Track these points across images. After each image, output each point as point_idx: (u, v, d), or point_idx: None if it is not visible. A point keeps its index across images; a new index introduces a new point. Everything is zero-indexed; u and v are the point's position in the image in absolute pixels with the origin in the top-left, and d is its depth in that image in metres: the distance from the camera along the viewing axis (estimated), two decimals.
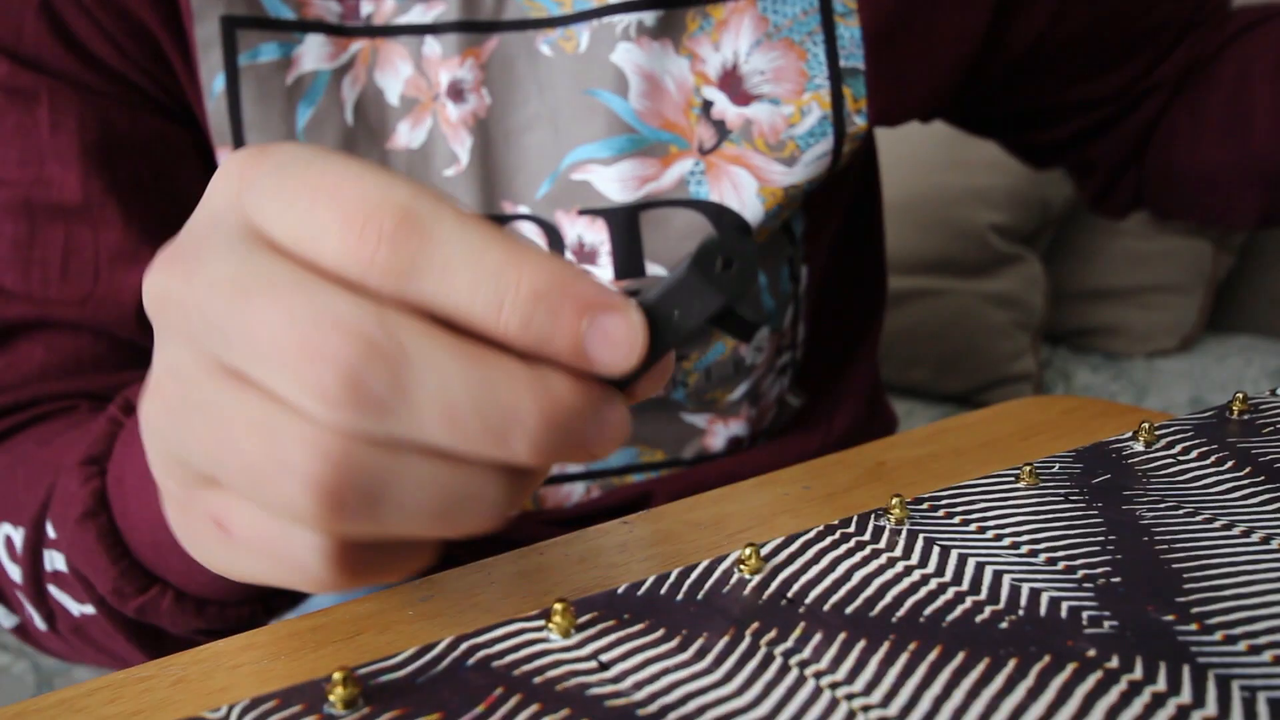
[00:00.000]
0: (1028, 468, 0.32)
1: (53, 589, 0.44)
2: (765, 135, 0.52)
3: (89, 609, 0.42)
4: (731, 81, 0.52)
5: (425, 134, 0.51)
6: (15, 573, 0.44)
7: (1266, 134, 0.58)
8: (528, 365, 0.22)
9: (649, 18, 0.50)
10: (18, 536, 0.44)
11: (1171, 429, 0.36)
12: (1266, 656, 0.24)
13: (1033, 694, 0.23)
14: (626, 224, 0.52)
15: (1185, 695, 0.23)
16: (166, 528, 0.36)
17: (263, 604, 0.43)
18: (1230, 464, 0.33)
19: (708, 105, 0.52)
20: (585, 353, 0.22)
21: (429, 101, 0.51)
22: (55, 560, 0.43)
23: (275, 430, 0.22)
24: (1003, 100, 0.62)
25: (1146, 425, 0.35)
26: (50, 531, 0.42)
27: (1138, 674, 0.23)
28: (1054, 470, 0.33)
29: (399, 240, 0.22)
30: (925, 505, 0.31)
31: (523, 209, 0.52)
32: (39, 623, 0.45)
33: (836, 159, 0.54)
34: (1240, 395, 0.37)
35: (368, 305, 0.22)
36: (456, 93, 0.51)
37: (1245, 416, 0.37)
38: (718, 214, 0.52)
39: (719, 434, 0.59)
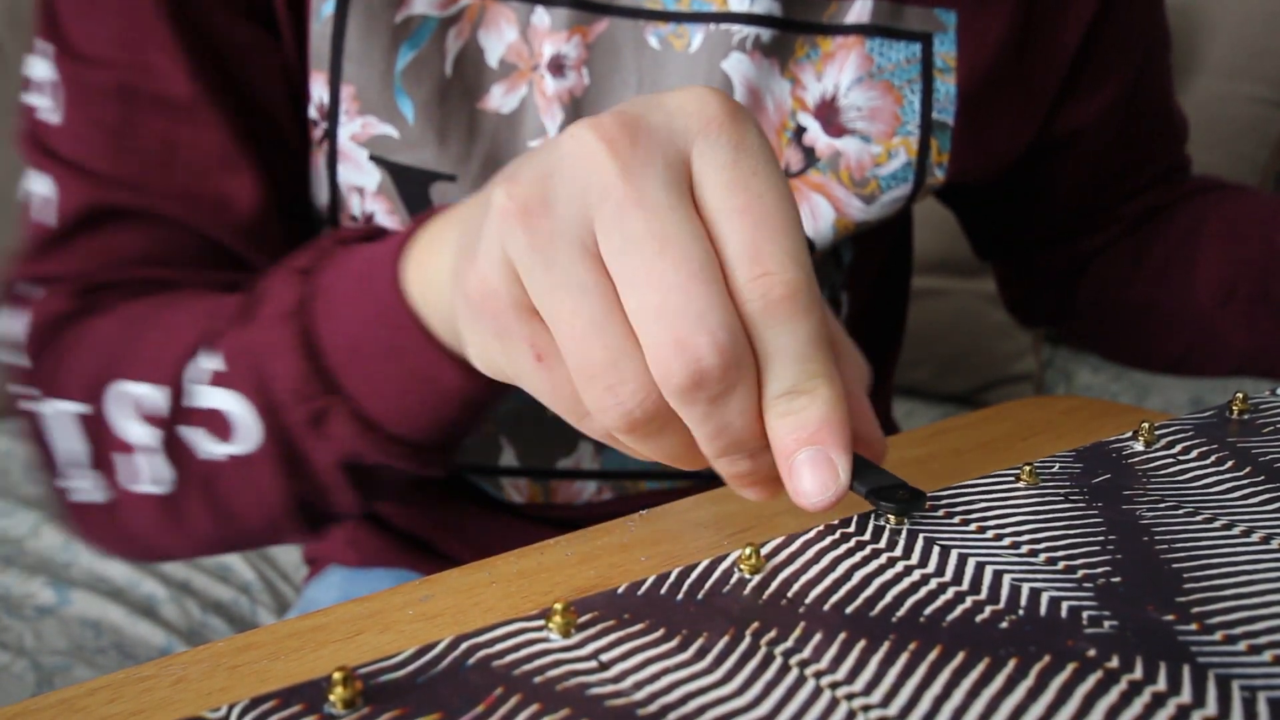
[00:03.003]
0: (1028, 468, 0.32)
1: (190, 431, 0.44)
2: (851, 169, 0.53)
3: (233, 448, 0.43)
4: (827, 112, 0.52)
5: (518, 101, 0.51)
6: (137, 432, 0.44)
7: (1205, 285, 0.62)
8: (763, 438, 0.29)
9: (765, 34, 0.51)
10: (152, 393, 0.44)
11: (1171, 429, 0.36)
12: (1267, 656, 0.24)
13: (1033, 694, 0.23)
14: None
15: (1185, 695, 0.22)
16: (371, 339, 0.40)
17: (415, 455, 0.43)
18: (1230, 464, 0.33)
19: (800, 131, 0.52)
20: (795, 485, 0.29)
21: (527, 70, 0.51)
22: (206, 396, 0.43)
23: (623, 365, 0.27)
24: (1005, 181, 0.64)
25: (1146, 425, 0.35)
26: (208, 364, 0.43)
27: (1138, 674, 0.23)
28: (1054, 470, 0.33)
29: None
30: (925, 501, 0.31)
31: None
32: (146, 484, 0.45)
33: (907, 205, 0.55)
34: (1240, 395, 0.37)
35: (741, 334, 0.27)
36: (557, 67, 0.51)
37: (1245, 416, 0.37)
38: None
39: None
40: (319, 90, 0.50)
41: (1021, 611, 0.26)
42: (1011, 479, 0.32)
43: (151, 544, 0.49)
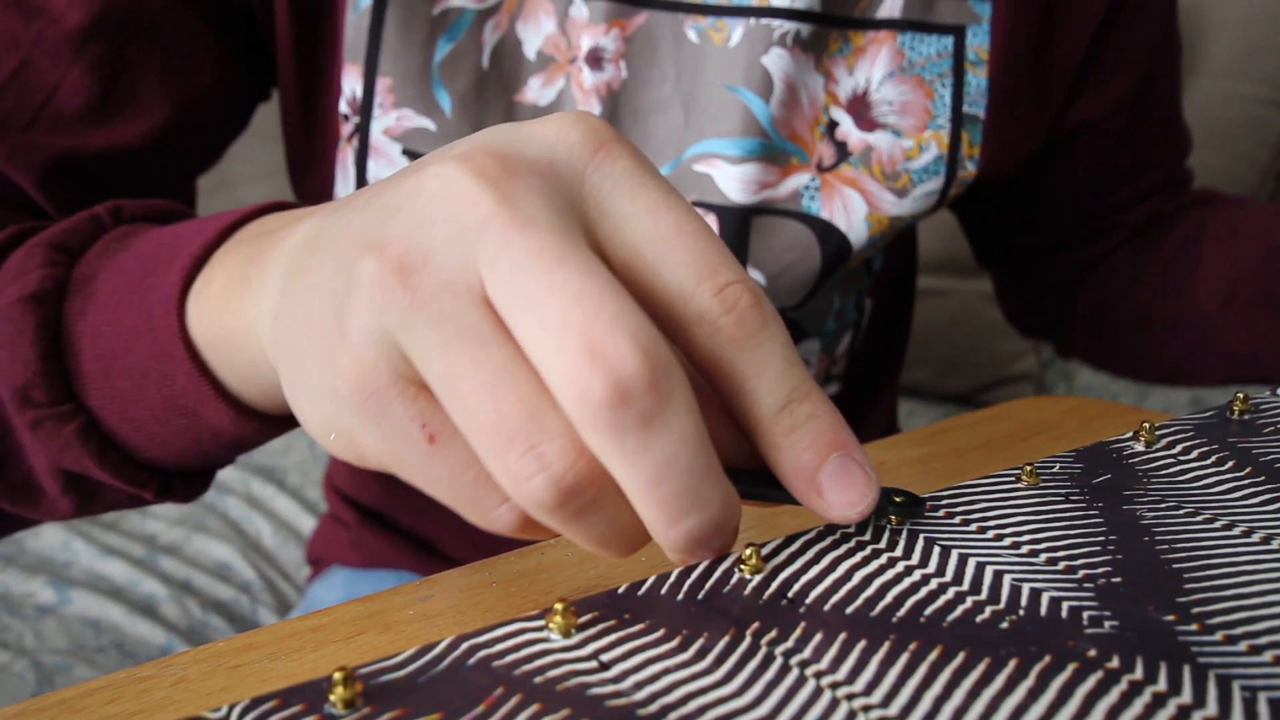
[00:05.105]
0: (1028, 468, 0.32)
1: None
2: (883, 163, 0.53)
3: None
4: (859, 107, 0.53)
5: (555, 94, 0.51)
6: None
7: (1206, 287, 0.62)
8: (728, 483, 0.25)
9: (805, 29, 0.51)
10: None
11: (1172, 429, 0.36)
12: (1267, 656, 0.24)
13: (1033, 694, 0.23)
14: (738, 225, 0.52)
15: (1186, 695, 0.22)
16: (129, 354, 0.35)
17: (160, 483, 0.39)
18: (1231, 464, 0.33)
19: (833, 125, 0.53)
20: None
21: (565, 63, 0.51)
22: None
23: (543, 418, 0.23)
24: (1012, 182, 0.64)
25: (1147, 425, 0.35)
26: None
27: (1138, 674, 0.23)
28: (1054, 470, 0.33)
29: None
30: (925, 505, 0.31)
31: None
32: None
33: (942, 199, 0.55)
34: (1241, 395, 0.37)
35: (666, 343, 0.23)
36: (595, 60, 0.51)
37: (1246, 416, 0.37)
38: (825, 231, 0.53)
39: None
40: (351, 83, 0.50)
41: (1022, 612, 0.26)
42: (1012, 479, 0.32)
43: None
